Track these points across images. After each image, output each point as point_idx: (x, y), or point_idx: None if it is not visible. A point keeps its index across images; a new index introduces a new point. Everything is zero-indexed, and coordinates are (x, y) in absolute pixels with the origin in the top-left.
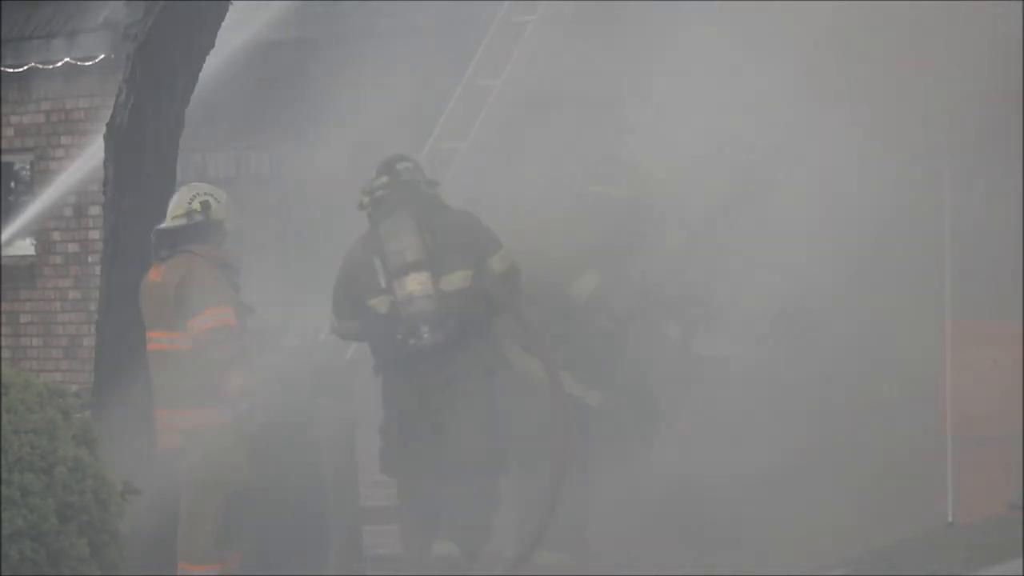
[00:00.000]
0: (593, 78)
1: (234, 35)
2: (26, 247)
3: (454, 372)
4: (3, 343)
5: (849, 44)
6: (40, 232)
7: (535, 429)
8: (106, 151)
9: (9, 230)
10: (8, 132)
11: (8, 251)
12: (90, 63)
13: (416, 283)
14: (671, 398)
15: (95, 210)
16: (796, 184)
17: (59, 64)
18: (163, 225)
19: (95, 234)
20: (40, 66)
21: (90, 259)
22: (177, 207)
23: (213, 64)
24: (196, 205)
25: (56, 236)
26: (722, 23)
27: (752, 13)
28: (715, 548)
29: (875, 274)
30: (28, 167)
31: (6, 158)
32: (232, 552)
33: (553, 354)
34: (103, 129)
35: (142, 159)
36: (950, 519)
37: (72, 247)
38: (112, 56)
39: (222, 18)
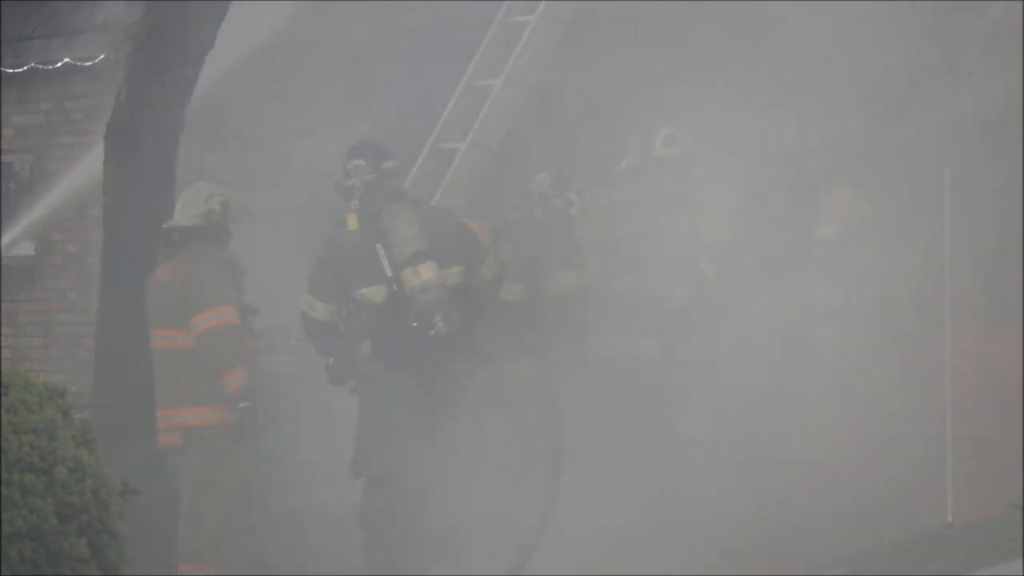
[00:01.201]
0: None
1: (234, 35)
2: (26, 248)
3: (459, 366)
4: (3, 343)
5: (848, 43)
6: (40, 232)
7: (512, 432)
8: (106, 151)
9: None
10: (8, 132)
11: (8, 251)
12: (90, 63)
13: (430, 271)
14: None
15: (95, 210)
16: (793, 184)
17: (59, 64)
18: (178, 223)
19: (95, 234)
20: (40, 66)
21: (90, 259)
22: (192, 206)
23: (213, 64)
24: (215, 205)
25: (56, 236)
26: (720, 23)
27: (751, 14)
28: (713, 548)
29: (874, 274)
30: (28, 167)
31: (6, 158)
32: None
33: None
34: (103, 129)
35: (142, 159)
36: (950, 519)
37: (72, 247)
38: (112, 56)
39: (222, 18)
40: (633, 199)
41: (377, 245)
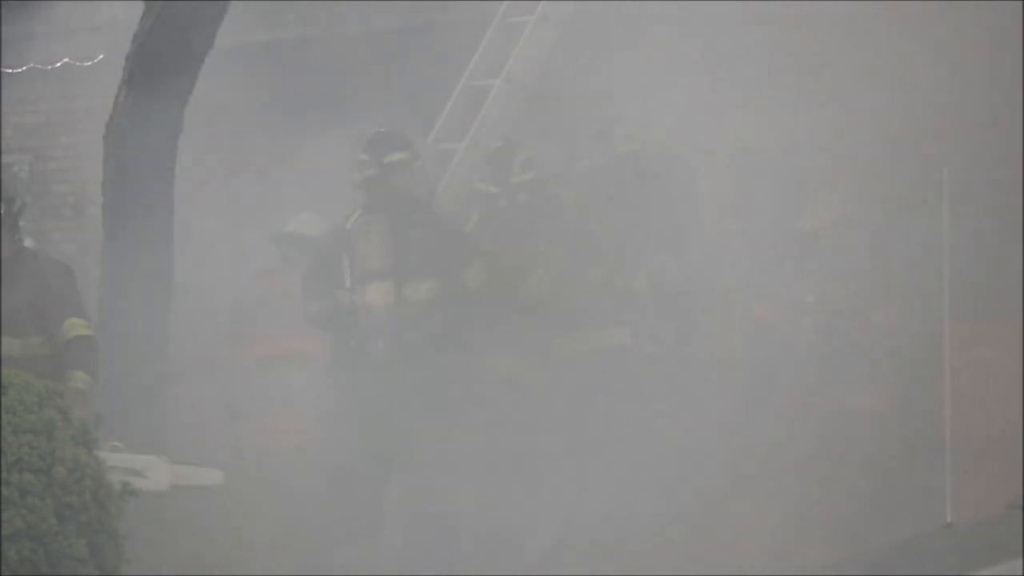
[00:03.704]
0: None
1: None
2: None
3: (411, 385)
4: None
5: (848, 40)
6: (40, 232)
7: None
8: (105, 151)
9: None
10: (8, 132)
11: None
12: (90, 63)
13: (377, 293)
14: None
15: (95, 210)
16: (793, 181)
17: (59, 64)
18: (308, 234)
19: (95, 234)
20: (40, 66)
21: (90, 259)
22: (317, 226)
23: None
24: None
25: (56, 236)
26: (717, 19)
27: (750, 10)
28: (708, 549)
29: (874, 274)
30: (28, 167)
31: (6, 158)
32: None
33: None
34: (103, 129)
35: (142, 159)
36: (949, 519)
37: (72, 247)
38: (112, 56)
39: (221, 18)
40: (594, 195)
41: (343, 254)
